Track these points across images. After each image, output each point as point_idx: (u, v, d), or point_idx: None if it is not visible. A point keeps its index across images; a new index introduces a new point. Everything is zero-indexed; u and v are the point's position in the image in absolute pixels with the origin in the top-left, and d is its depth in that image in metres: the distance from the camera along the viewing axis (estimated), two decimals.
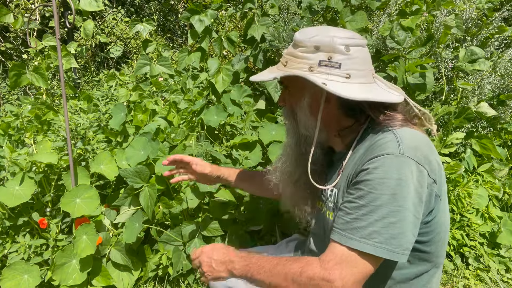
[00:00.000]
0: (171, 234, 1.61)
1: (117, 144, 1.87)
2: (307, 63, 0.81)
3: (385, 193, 0.71)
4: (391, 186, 0.71)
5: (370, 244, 0.70)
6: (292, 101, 0.92)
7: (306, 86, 0.86)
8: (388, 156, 0.73)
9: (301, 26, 1.92)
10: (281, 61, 0.88)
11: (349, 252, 0.72)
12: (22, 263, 1.45)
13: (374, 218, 0.71)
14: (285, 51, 0.88)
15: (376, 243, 0.70)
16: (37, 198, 1.59)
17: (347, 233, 0.73)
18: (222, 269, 0.88)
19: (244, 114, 1.94)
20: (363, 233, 0.71)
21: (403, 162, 0.72)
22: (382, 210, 0.71)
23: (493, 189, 1.97)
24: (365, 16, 1.94)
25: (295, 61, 0.83)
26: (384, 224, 0.70)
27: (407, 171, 0.72)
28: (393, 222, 0.70)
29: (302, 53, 0.82)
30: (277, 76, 0.84)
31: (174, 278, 1.63)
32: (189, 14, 2.19)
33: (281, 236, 1.67)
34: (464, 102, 1.91)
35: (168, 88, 2.15)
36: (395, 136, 0.77)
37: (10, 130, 1.91)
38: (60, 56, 1.53)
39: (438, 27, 1.89)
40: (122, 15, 3.91)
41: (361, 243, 0.71)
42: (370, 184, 0.73)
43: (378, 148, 0.77)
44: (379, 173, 0.72)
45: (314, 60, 0.80)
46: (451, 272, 1.82)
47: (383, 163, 0.73)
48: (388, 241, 0.70)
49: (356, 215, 0.73)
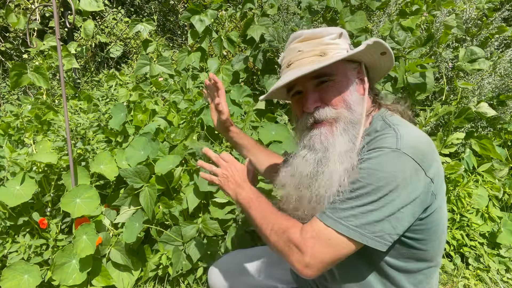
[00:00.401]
0: (171, 234, 1.61)
1: (117, 144, 1.87)
2: (341, 48, 0.85)
3: (372, 184, 0.73)
4: (380, 178, 0.73)
5: (344, 225, 0.74)
6: (341, 90, 0.85)
7: (348, 70, 0.87)
8: (385, 150, 0.75)
9: (301, 26, 1.92)
10: (311, 56, 0.84)
11: (325, 229, 0.75)
12: (22, 263, 1.45)
13: (355, 204, 0.74)
14: (306, 47, 0.85)
15: (351, 226, 0.73)
16: (37, 198, 1.59)
17: (327, 211, 0.77)
18: (232, 187, 0.94)
19: (244, 114, 1.94)
20: (341, 215, 0.75)
21: (398, 158, 0.74)
22: (365, 199, 0.73)
23: (493, 189, 1.97)
24: (365, 16, 1.94)
25: (333, 48, 0.84)
26: (364, 210, 0.73)
27: (400, 166, 0.73)
28: (371, 210, 0.73)
29: (333, 40, 0.85)
30: (337, 59, 0.80)
31: (174, 278, 1.63)
32: (190, 14, 2.19)
33: None
34: (464, 102, 1.91)
35: (168, 88, 2.15)
36: (395, 133, 0.78)
37: (10, 130, 1.92)
38: (60, 56, 1.53)
39: (438, 27, 1.89)
40: (122, 15, 3.92)
41: (336, 222, 0.75)
42: (361, 173, 0.75)
43: (378, 142, 0.78)
44: (372, 165, 0.75)
45: (344, 45, 0.86)
46: (451, 272, 1.82)
47: (378, 155, 0.75)
48: (363, 226, 0.73)
49: (341, 198, 0.76)
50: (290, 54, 0.88)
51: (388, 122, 0.83)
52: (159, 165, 1.62)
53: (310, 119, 0.86)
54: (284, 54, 0.92)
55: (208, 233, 1.62)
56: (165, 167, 1.59)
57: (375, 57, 0.88)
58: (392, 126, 0.81)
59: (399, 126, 0.81)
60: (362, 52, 0.83)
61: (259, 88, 2.27)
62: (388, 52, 0.86)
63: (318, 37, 0.85)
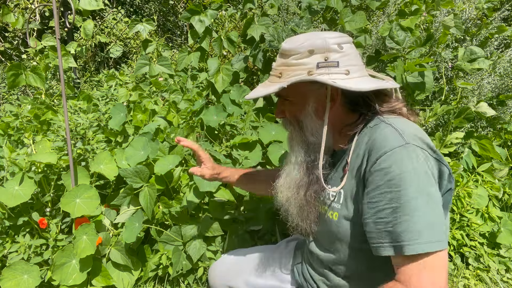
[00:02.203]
0: (171, 234, 1.61)
1: (117, 144, 1.87)
2: (304, 68, 0.81)
3: (410, 186, 0.71)
4: (411, 177, 0.71)
5: (426, 241, 0.69)
6: (295, 110, 0.89)
7: (308, 92, 0.86)
8: (396, 149, 0.74)
9: (300, 26, 1.92)
10: (273, 74, 0.86)
11: (417, 260, 0.70)
12: (22, 263, 1.45)
13: (413, 215, 0.70)
14: (275, 64, 0.87)
15: (428, 239, 0.69)
16: (37, 198, 1.59)
17: (403, 243, 0.70)
18: None
19: (244, 114, 1.94)
20: (412, 235, 0.69)
21: (411, 151, 0.73)
22: (414, 204, 0.70)
23: (493, 189, 1.97)
24: (364, 16, 1.94)
25: (291, 69, 0.82)
26: (424, 217, 0.70)
27: (416, 157, 0.73)
28: (431, 212, 0.71)
29: (296, 60, 0.82)
30: (276, 89, 0.80)
31: (174, 278, 1.63)
32: (189, 14, 2.19)
33: (281, 236, 1.67)
34: (463, 102, 1.91)
35: (168, 88, 2.15)
36: (394, 129, 0.78)
37: (9, 130, 1.91)
38: (60, 56, 1.53)
39: (438, 27, 1.89)
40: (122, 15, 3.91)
41: (421, 245, 0.69)
42: (393, 184, 0.72)
43: (382, 143, 0.76)
44: (395, 170, 0.72)
45: (311, 64, 0.81)
46: (451, 272, 1.82)
47: (395, 158, 0.73)
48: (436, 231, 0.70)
49: (397, 220, 0.71)
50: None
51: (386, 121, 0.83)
52: (158, 165, 1.62)
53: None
54: None
55: (208, 233, 1.62)
56: (165, 167, 1.59)
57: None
58: (385, 121, 0.82)
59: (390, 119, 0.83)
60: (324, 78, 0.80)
61: None
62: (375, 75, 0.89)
63: (286, 54, 0.83)
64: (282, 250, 1.26)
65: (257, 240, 1.71)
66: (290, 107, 0.90)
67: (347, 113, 0.89)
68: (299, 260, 1.15)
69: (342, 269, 0.92)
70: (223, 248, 1.65)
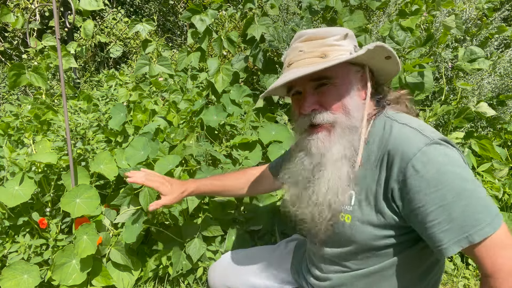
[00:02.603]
0: (171, 234, 1.61)
1: (117, 144, 1.87)
2: (345, 49, 0.82)
3: (454, 179, 0.70)
4: (450, 171, 0.71)
5: (487, 223, 0.69)
6: (340, 93, 0.82)
7: (350, 72, 0.84)
8: (424, 149, 0.72)
9: (301, 26, 1.92)
10: (312, 56, 0.81)
11: (490, 242, 0.69)
12: (22, 263, 1.45)
13: (465, 204, 0.69)
14: (307, 47, 0.83)
15: (488, 219, 0.69)
16: (37, 198, 1.59)
17: (465, 234, 0.69)
18: None
19: (244, 114, 1.94)
20: (471, 222, 0.69)
21: (438, 147, 0.73)
22: (463, 194, 0.70)
23: (493, 189, 1.97)
24: (363, 15, 1.94)
25: (336, 49, 0.81)
26: (477, 202, 0.70)
27: (446, 150, 0.73)
28: (480, 195, 0.71)
29: (337, 41, 0.82)
30: (337, 61, 0.77)
31: (174, 278, 1.63)
32: (190, 14, 2.19)
33: (281, 236, 1.67)
34: (463, 102, 1.91)
35: (168, 88, 2.15)
36: (411, 128, 0.78)
37: (9, 130, 1.91)
38: (60, 56, 1.53)
39: (438, 27, 1.89)
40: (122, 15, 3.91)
41: (482, 229, 0.68)
42: (434, 184, 0.70)
43: (407, 146, 0.75)
44: (431, 169, 0.71)
45: (349, 47, 0.82)
46: (451, 272, 1.82)
47: (428, 158, 0.72)
48: (490, 207, 0.70)
49: (451, 215, 0.70)
50: (291, 53, 0.86)
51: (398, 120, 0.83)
52: (158, 165, 1.62)
53: (307, 122, 0.85)
54: (287, 52, 0.89)
55: (208, 233, 1.62)
56: (165, 167, 1.59)
57: (380, 61, 0.86)
58: (399, 121, 0.82)
59: (400, 116, 0.83)
60: (365, 56, 0.81)
61: (259, 88, 2.27)
62: (392, 56, 0.84)
63: (322, 37, 0.82)
64: (282, 251, 1.26)
65: (257, 240, 1.71)
66: (334, 90, 0.83)
67: (371, 101, 0.88)
68: (299, 260, 1.15)
69: (351, 268, 0.90)
70: (223, 248, 1.65)
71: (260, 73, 2.11)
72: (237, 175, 1.28)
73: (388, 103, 0.89)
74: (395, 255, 0.83)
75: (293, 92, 0.90)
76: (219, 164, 1.71)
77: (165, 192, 1.13)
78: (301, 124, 0.86)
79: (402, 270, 0.85)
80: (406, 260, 0.84)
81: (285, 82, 0.80)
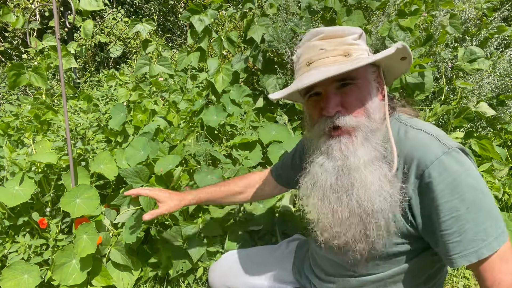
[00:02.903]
0: (171, 234, 1.61)
1: (117, 144, 1.87)
2: (363, 49, 0.81)
3: (468, 190, 0.70)
4: (466, 181, 0.70)
5: (494, 238, 0.69)
6: (363, 95, 0.79)
7: (368, 74, 0.82)
8: (441, 157, 0.71)
9: (300, 26, 1.93)
10: (334, 55, 0.78)
11: (494, 257, 0.69)
12: (22, 263, 1.45)
13: (476, 216, 0.69)
14: (329, 46, 0.79)
15: (496, 234, 0.69)
16: (37, 198, 1.59)
17: (474, 248, 0.69)
18: None
19: (244, 114, 1.94)
20: (481, 236, 0.69)
21: (455, 156, 0.72)
22: (476, 206, 0.69)
23: (493, 189, 1.97)
24: (362, 15, 1.94)
25: (357, 48, 0.80)
26: (488, 214, 0.69)
27: (463, 160, 0.72)
28: (491, 207, 0.70)
29: (355, 40, 0.80)
30: (367, 61, 0.74)
31: (174, 278, 1.63)
32: (189, 13, 2.19)
33: (282, 236, 1.67)
34: (463, 102, 1.91)
35: (168, 88, 2.15)
36: (428, 134, 0.76)
37: (9, 130, 1.91)
38: (60, 56, 1.53)
39: (437, 27, 1.89)
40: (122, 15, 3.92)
41: (490, 243, 0.69)
42: (448, 193, 0.70)
43: (424, 153, 0.74)
44: (448, 178, 0.70)
45: (364, 46, 0.82)
46: (451, 272, 1.82)
47: (444, 167, 0.71)
48: (500, 222, 0.70)
49: (464, 227, 0.70)
50: (311, 52, 0.81)
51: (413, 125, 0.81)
52: (158, 165, 1.62)
53: (329, 124, 0.79)
54: (301, 51, 0.84)
55: (208, 233, 1.62)
56: (165, 167, 1.59)
57: (396, 61, 0.83)
58: (414, 126, 0.80)
59: (415, 122, 0.82)
60: (388, 56, 0.78)
61: (259, 88, 2.27)
62: (409, 57, 0.82)
63: (340, 35, 0.80)
64: (283, 250, 1.25)
65: (257, 240, 1.71)
66: (357, 92, 0.79)
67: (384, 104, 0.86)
68: (301, 260, 1.15)
69: (360, 273, 0.90)
70: (223, 248, 1.65)
71: (260, 73, 2.11)
72: (235, 182, 1.26)
73: (403, 104, 0.88)
74: (406, 262, 0.83)
75: (312, 93, 0.84)
76: (219, 164, 1.71)
77: (162, 199, 1.15)
78: (321, 126, 0.81)
79: (410, 276, 0.85)
80: (416, 266, 0.83)
81: (315, 81, 0.73)
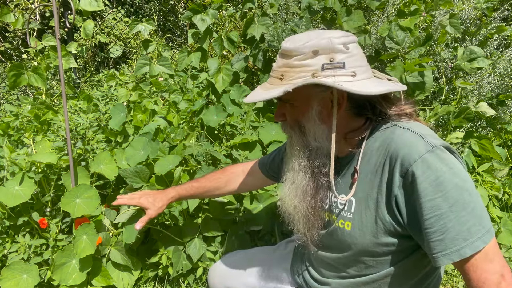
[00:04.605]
0: (171, 234, 1.61)
1: (117, 144, 1.87)
2: (308, 70, 0.76)
3: (451, 189, 0.69)
4: (449, 179, 0.70)
5: (478, 237, 0.68)
6: (297, 114, 0.84)
7: (311, 95, 0.80)
8: (424, 156, 0.71)
9: (300, 26, 1.93)
10: (274, 76, 0.81)
11: (478, 257, 0.69)
12: (21, 263, 1.45)
13: (460, 215, 0.69)
14: (276, 65, 0.81)
15: (480, 233, 0.69)
16: (37, 198, 1.59)
17: (456, 247, 0.69)
18: None
19: (244, 114, 1.94)
20: (464, 235, 0.69)
21: (439, 154, 0.71)
22: (459, 205, 0.69)
23: (493, 189, 1.97)
24: (362, 15, 1.94)
25: (294, 71, 0.77)
26: (471, 213, 0.69)
27: (447, 158, 0.72)
28: (476, 206, 0.70)
29: (299, 61, 0.76)
30: (281, 93, 0.75)
31: (174, 278, 1.63)
32: (191, 13, 2.19)
33: (281, 236, 1.67)
34: (463, 102, 1.91)
35: (168, 88, 2.15)
36: (413, 133, 0.76)
37: (9, 130, 1.91)
38: (60, 56, 1.53)
39: (437, 27, 1.90)
40: (122, 15, 3.92)
41: (473, 243, 0.68)
42: (432, 191, 0.70)
43: (408, 151, 0.74)
44: (431, 176, 0.70)
45: (315, 66, 0.75)
46: (451, 272, 1.82)
47: (428, 165, 0.71)
48: (484, 221, 0.70)
49: (446, 225, 0.70)
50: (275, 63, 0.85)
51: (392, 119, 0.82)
52: (158, 165, 1.62)
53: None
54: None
55: (208, 233, 1.62)
56: (165, 167, 1.59)
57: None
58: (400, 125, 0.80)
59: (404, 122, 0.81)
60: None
61: None
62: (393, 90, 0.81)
63: (288, 55, 0.78)
64: (282, 251, 1.25)
65: (257, 240, 1.71)
66: (292, 110, 0.85)
67: (352, 118, 0.84)
68: (298, 261, 1.15)
69: (351, 275, 0.90)
70: (223, 249, 1.65)
71: (260, 73, 2.11)
72: (216, 175, 1.28)
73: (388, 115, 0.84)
74: (396, 263, 0.82)
75: None
76: (219, 164, 1.71)
77: (146, 206, 1.21)
78: None
79: (403, 276, 0.84)
80: (408, 266, 0.83)
81: (249, 102, 0.85)
